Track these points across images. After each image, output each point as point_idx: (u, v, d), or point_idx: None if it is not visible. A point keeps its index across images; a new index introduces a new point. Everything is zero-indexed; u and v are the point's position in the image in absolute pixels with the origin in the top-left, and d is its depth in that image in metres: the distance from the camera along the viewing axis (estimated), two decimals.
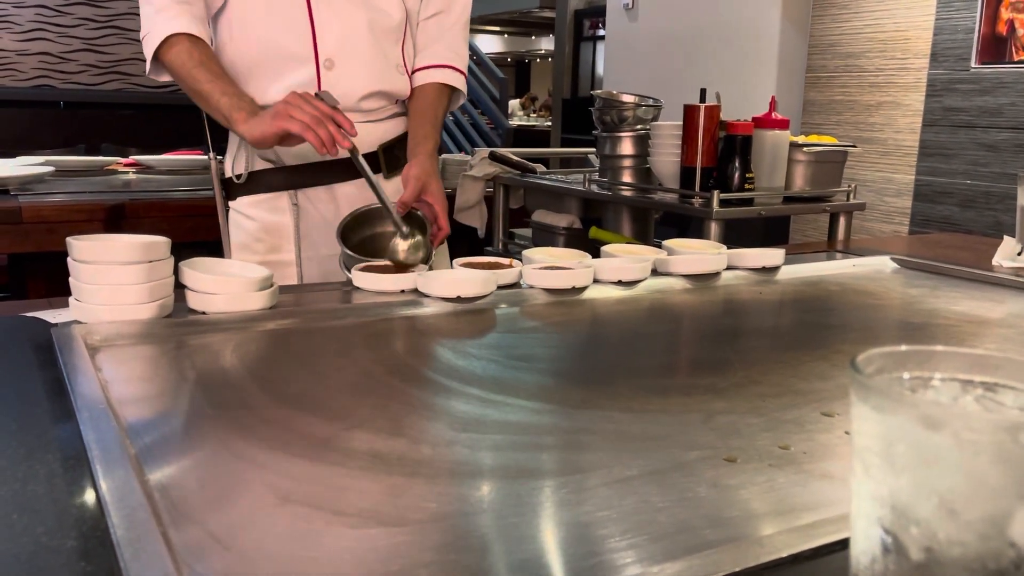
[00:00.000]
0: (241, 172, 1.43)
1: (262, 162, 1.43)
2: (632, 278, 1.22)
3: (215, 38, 1.41)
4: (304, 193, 1.44)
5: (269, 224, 1.44)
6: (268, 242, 1.45)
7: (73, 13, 4.68)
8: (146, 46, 1.34)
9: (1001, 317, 1.15)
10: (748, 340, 1.06)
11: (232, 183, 1.45)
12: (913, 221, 2.96)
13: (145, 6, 1.34)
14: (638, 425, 0.72)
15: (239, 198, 1.45)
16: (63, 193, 2.02)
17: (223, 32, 1.40)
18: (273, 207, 1.44)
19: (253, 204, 1.44)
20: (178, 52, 1.32)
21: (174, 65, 1.33)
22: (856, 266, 1.44)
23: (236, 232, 1.46)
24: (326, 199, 1.45)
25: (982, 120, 2.71)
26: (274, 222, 1.44)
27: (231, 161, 1.45)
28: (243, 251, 1.45)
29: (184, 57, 1.32)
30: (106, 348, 0.87)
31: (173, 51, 1.32)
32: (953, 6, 2.77)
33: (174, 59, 1.32)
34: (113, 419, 0.66)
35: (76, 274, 0.92)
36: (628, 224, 2.00)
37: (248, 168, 1.43)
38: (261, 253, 1.45)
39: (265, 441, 0.66)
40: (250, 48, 1.39)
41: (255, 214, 1.44)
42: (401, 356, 0.93)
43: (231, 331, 0.95)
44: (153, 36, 1.32)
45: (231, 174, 1.45)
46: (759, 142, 1.65)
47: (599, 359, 0.97)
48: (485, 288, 1.11)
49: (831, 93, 3.24)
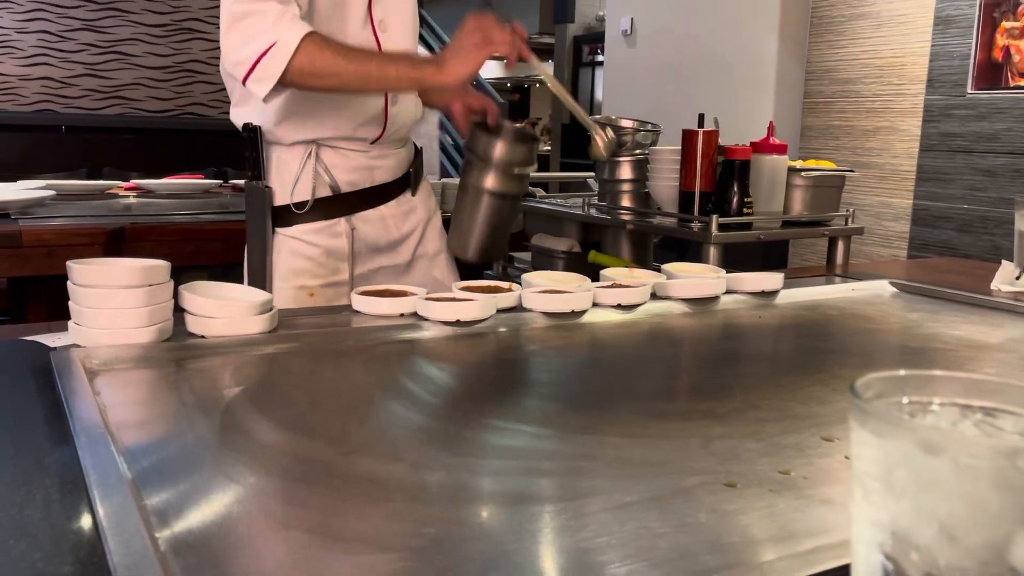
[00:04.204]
0: (307, 199, 1.44)
1: (322, 190, 1.46)
2: (631, 302, 1.23)
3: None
4: (358, 216, 1.49)
5: (329, 249, 1.47)
6: (328, 266, 1.48)
7: (76, 39, 4.73)
8: (271, 64, 1.28)
9: (1000, 342, 1.15)
10: (747, 364, 1.06)
11: (285, 211, 1.45)
12: (911, 246, 2.97)
13: (250, 26, 1.29)
14: (638, 450, 0.72)
15: (295, 226, 1.45)
16: (63, 217, 2.02)
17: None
18: (332, 232, 1.47)
19: (313, 231, 1.46)
20: (314, 52, 1.29)
21: (317, 66, 1.29)
22: (855, 290, 1.44)
23: (290, 259, 1.46)
24: (374, 219, 1.52)
25: (979, 145, 2.73)
26: (333, 246, 1.48)
27: (287, 190, 1.45)
28: (299, 276, 1.46)
29: (328, 53, 1.30)
30: (105, 372, 0.87)
31: (308, 55, 1.28)
32: (948, 33, 2.80)
33: (316, 60, 1.29)
34: (111, 443, 0.66)
35: (76, 298, 0.92)
36: (627, 248, 2.00)
37: (313, 196, 1.45)
38: (322, 276, 1.47)
39: (264, 466, 0.66)
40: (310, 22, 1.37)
41: (316, 240, 1.46)
42: (400, 380, 0.93)
43: (230, 355, 0.94)
44: (283, 47, 1.27)
45: (286, 202, 1.44)
46: (757, 167, 1.66)
47: (598, 383, 0.97)
48: (484, 312, 1.11)
49: (828, 118, 3.27)
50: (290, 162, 1.44)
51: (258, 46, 1.28)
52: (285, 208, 1.45)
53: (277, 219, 1.46)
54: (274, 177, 1.45)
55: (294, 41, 1.27)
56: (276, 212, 1.45)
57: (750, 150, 1.65)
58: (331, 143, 1.45)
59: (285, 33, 1.28)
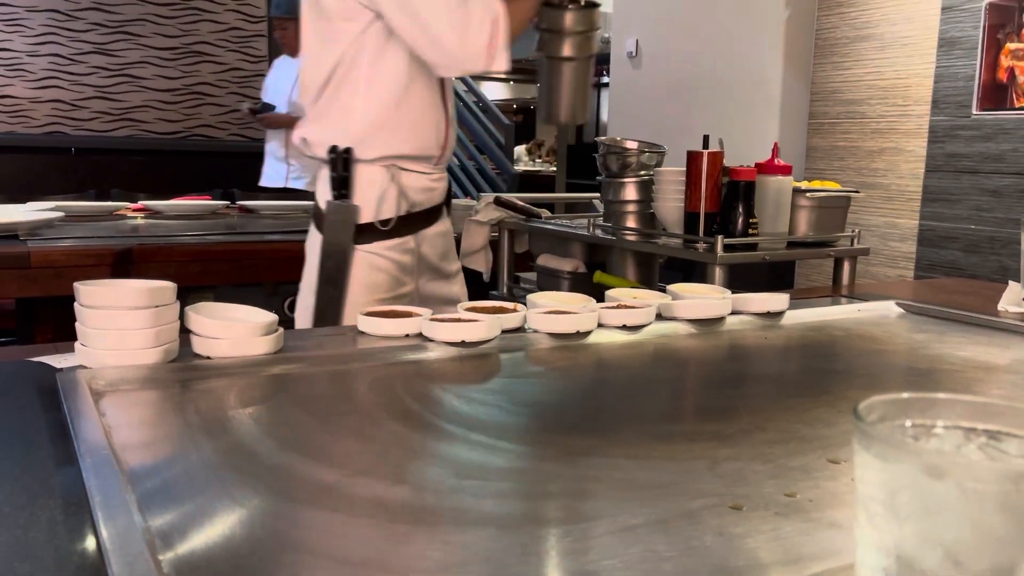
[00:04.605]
0: (391, 217, 1.58)
1: (400, 210, 1.59)
2: (636, 323, 1.22)
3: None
4: (420, 234, 1.64)
5: (400, 264, 1.61)
6: (399, 280, 1.61)
7: (86, 62, 4.78)
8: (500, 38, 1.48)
9: (1007, 363, 1.14)
10: (753, 386, 1.06)
11: (368, 228, 1.57)
12: (918, 266, 2.96)
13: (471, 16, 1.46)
14: (643, 472, 0.72)
15: (375, 242, 1.57)
16: (72, 238, 2.03)
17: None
18: (403, 249, 1.61)
19: (389, 247, 1.59)
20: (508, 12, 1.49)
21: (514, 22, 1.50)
22: (861, 311, 1.44)
23: (369, 273, 1.58)
24: (430, 237, 1.67)
25: (985, 166, 2.73)
26: (403, 262, 1.62)
27: (372, 208, 1.57)
28: (375, 290, 1.58)
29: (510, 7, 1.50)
30: (111, 393, 0.87)
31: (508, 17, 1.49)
32: (953, 54, 2.81)
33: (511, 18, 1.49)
34: (115, 465, 0.66)
35: (82, 319, 0.92)
36: (633, 268, 2.00)
37: (396, 214, 1.59)
38: (393, 290, 1.60)
39: (268, 488, 0.66)
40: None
41: (392, 255, 1.59)
42: (405, 401, 0.93)
43: (235, 376, 0.95)
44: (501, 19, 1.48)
45: (371, 219, 1.57)
46: (762, 188, 1.66)
47: (604, 404, 0.97)
48: (489, 333, 1.11)
49: (833, 139, 3.27)
50: (374, 182, 1.56)
51: (488, 26, 1.47)
52: (368, 225, 1.56)
53: (357, 236, 1.57)
54: (358, 196, 1.56)
55: (501, 9, 1.48)
56: (357, 229, 1.56)
57: (755, 171, 1.65)
58: (405, 164, 1.59)
59: (494, 8, 1.48)
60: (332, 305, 1.56)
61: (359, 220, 1.56)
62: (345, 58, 1.53)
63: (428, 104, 1.59)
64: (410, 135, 1.57)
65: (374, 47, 1.52)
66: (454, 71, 1.59)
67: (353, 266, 1.56)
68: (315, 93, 1.57)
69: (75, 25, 4.74)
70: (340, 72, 1.54)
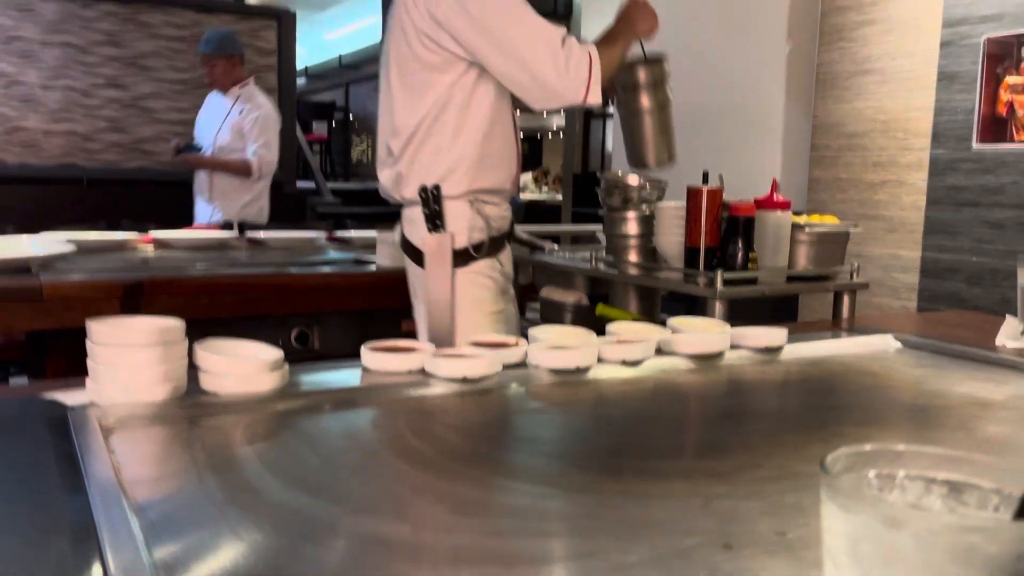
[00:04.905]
0: (483, 241, 1.78)
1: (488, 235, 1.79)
2: (636, 358, 1.24)
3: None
4: (502, 255, 1.85)
5: (496, 281, 1.81)
6: (497, 295, 1.81)
7: (100, 95, 4.86)
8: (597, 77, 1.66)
9: (1004, 399, 1.16)
10: (750, 422, 1.07)
11: (463, 253, 1.76)
12: (921, 297, 2.97)
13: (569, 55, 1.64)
14: (638, 510, 0.74)
15: (472, 264, 1.77)
16: (83, 271, 2.07)
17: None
18: (493, 268, 1.81)
19: (485, 267, 1.79)
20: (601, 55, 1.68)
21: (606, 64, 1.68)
22: (859, 345, 1.45)
23: (473, 290, 1.78)
24: (504, 259, 1.86)
25: (985, 199, 2.75)
26: (497, 279, 1.82)
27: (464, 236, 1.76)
28: (482, 304, 1.78)
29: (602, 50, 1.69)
30: (120, 429, 0.89)
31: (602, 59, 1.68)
32: (952, 88, 2.84)
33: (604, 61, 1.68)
34: (123, 500, 0.68)
35: (93, 356, 0.95)
36: (635, 301, 2.03)
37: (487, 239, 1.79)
38: (497, 304, 1.80)
39: (271, 524, 0.68)
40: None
41: (489, 273, 1.80)
42: (407, 438, 0.95)
43: (242, 412, 0.97)
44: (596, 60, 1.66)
45: (464, 245, 1.76)
46: (761, 223, 1.68)
47: (602, 441, 0.98)
48: (490, 369, 1.13)
49: (836, 171, 3.30)
50: (463, 215, 1.75)
51: (585, 66, 1.65)
52: (463, 251, 1.76)
53: (455, 261, 1.76)
54: (450, 227, 1.75)
55: (596, 53, 1.67)
56: (454, 255, 1.75)
57: (754, 207, 1.68)
58: (485, 197, 1.78)
59: (590, 50, 1.67)
60: (443, 326, 1.75)
61: (456, 247, 1.75)
62: (435, 106, 1.71)
63: (506, 144, 1.79)
64: (491, 172, 1.76)
65: (462, 96, 1.71)
66: (552, 104, 1.72)
67: (457, 288, 1.76)
68: (405, 138, 1.74)
69: (89, 59, 4.82)
70: (430, 119, 1.71)
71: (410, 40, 1.70)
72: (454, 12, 1.63)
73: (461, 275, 1.77)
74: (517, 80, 1.68)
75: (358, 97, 12.00)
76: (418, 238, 1.79)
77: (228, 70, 3.97)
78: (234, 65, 3.98)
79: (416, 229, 1.79)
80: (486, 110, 1.73)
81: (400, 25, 1.73)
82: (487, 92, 1.73)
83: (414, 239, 1.81)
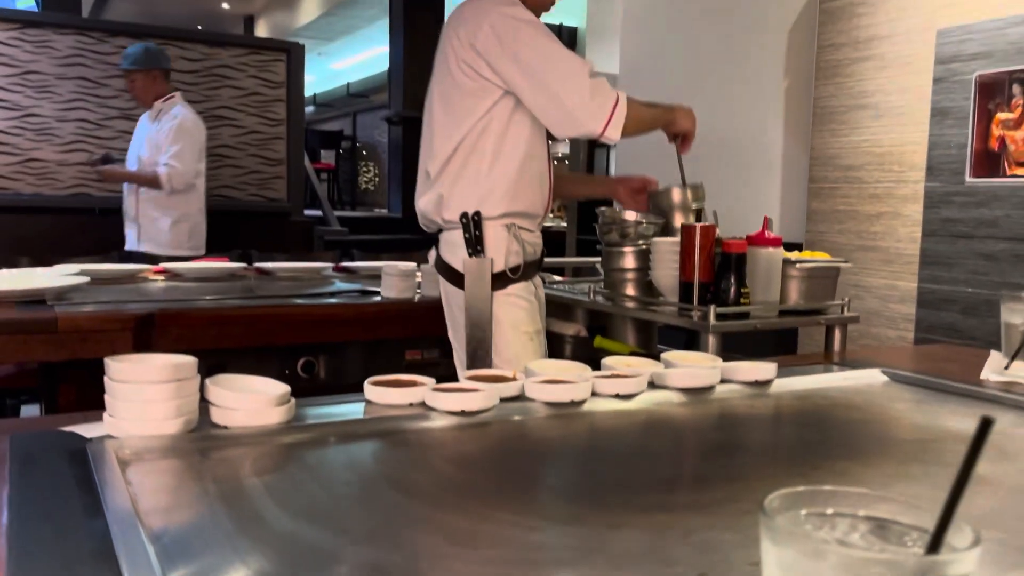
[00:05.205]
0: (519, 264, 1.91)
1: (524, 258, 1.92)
2: (629, 391, 1.29)
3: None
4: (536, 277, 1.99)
5: (531, 302, 1.94)
6: (534, 315, 1.94)
7: (112, 126, 4.97)
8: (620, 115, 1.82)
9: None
10: (735, 455, 1.12)
11: (501, 276, 1.89)
12: (918, 327, 3.01)
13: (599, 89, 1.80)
14: (621, 541, 0.78)
15: (509, 286, 1.89)
16: (96, 303, 2.13)
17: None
18: (529, 290, 1.94)
19: (521, 289, 1.91)
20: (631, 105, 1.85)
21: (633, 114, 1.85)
22: (847, 379, 1.50)
23: (512, 311, 1.90)
24: (537, 282, 2.01)
25: (980, 231, 2.80)
26: (533, 301, 1.95)
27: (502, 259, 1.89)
28: (521, 324, 1.90)
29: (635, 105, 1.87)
30: (136, 461, 0.94)
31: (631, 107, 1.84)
32: (946, 123, 2.90)
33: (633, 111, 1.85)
34: (140, 528, 0.73)
35: (111, 391, 1.00)
36: (632, 333, 2.08)
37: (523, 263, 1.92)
38: (533, 324, 1.92)
39: (277, 553, 0.73)
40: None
41: (525, 295, 1.92)
42: (406, 470, 1.00)
43: (250, 445, 1.02)
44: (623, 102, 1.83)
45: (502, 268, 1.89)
46: (753, 259, 1.74)
47: (591, 474, 1.03)
48: (488, 402, 1.18)
49: (833, 203, 3.36)
50: (501, 238, 1.88)
51: (610, 102, 1.81)
52: (501, 274, 1.88)
53: (494, 284, 1.87)
54: (489, 251, 1.87)
55: (624, 98, 1.83)
56: (493, 278, 1.87)
57: (746, 244, 1.73)
58: (520, 222, 1.91)
59: (619, 93, 1.83)
60: (482, 347, 1.84)
61: (494, 270, 1.86)
62: (474, 132, 1.82)
63: (541, 170, 1.92)
64: (526, 197, 1.89)
65: (500, 123, 1.83)
66: (572, 131, 1.85)
67: (496, 309, 1.87)
68: (443, 161, 1.86)
69: (102, 92, 4.94)
70: (468, 143, 1.83)
71: (452, 68, 1.84)
72: (492, 42, 1.78)
73: (499, 297, 1.87)
74: (543, 106, 1.80)
75: (365, 126, 12.15)
76: (458, 261, 1.90)
77: (148, 85, 3.91)
78: (154, 80, 3.91)
79: (455, 252, 1.90)
80: (522, 138, 1.86)
81: (445, 54, 1.87)
82: (523, 120, 1.85)
83: (453, 261, 1.91)
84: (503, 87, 1.82)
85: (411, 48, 9.09)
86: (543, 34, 1.81)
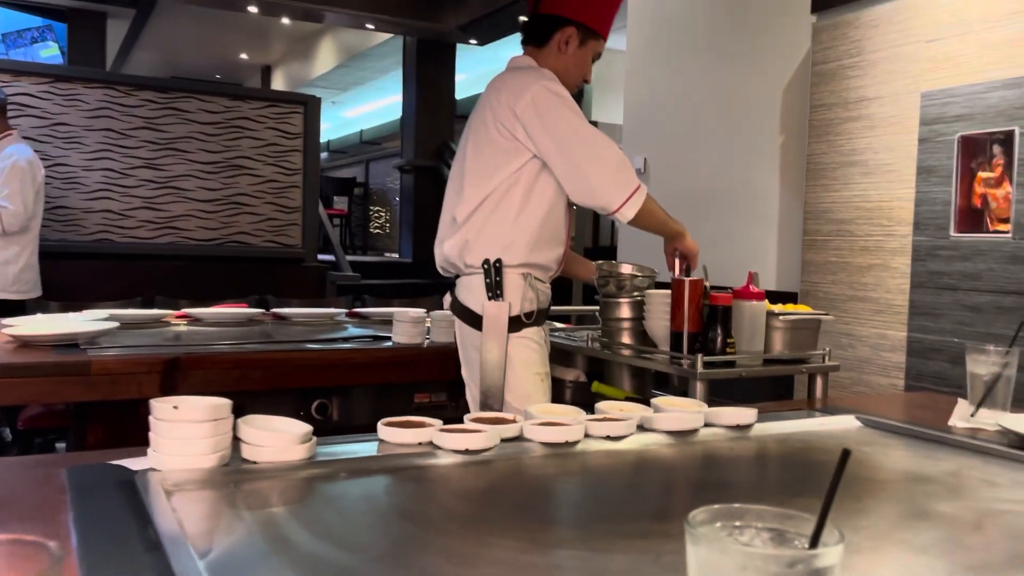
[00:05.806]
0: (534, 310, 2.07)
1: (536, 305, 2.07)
2: (619, 433, 1.41)
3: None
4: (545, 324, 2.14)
5: (542, 346, 2.08)
6: (544, 359, 2.09)
7: (136, 175, 5.18)
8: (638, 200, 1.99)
9: (934, 474, 1.31)
10: (711, 492, 1.24)
11: (516, 320, 2.03)
12: (908, 375, 3.12)
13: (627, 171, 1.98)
14: (600, 562, 0.90)
15: (524, 330, 2.04)
16: (125, 347, 2.27)
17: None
18: (540, 335, 2.09)
19: (534, 333, 2.06)
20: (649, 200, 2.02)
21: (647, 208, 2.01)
22: (823, 424, 1.62)
23: (526, 352, 2.04)
24: (546, 328, 2.15)
25: (964, 284, 2.93)
26: (543, 344, 2.09)
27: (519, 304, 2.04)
28: (533, 365, 2.05)
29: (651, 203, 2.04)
30: (178, 492, 1.07)
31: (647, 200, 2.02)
32: (931, 181, 3.05)
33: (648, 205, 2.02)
34: (190, 548, 0.86)
35: (156, 429, 1.13)
36: (628, 379, 2.20)
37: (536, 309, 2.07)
38: (544, 366, 2.08)
39: (305, 570, 0.85)
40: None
41: (537, 339, 2.07)
42: (415, 501, 1.12)
43: (277, 478, 1.15)
44: (643, 190, 2.00)
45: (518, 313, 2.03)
46: (738, 312, 1.87)
47: (580, 506, 1.15)
48: (490, 442, 1.31)
49: (826, 255, 3.49)
50: (518, 286, 2.03)
51: (632, 185, 1.98)
52: (516, 318, 2.03)
53: (510, 327, 2.01)
54: (507, 296, 2.02)
55: (645, 189, 2.00)
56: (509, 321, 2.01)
57: (731, 297, 1.87)
58: (535, 272, 2.06)
59: (641, 182, 2.01)
60: (496, 385, 1.98)
61: (511, 315, 2.01)
62: (503, 186, 1.99)
63: (558, 229, 2.09)
64: (544, 251, 2.06)
65: (527, 181, 2.00)
66: (590, 200, 1.99)
67: (511, 350, 2.01)
68: (471, 209, 2.02)
69: (127, 142, 5.15)
70: (496, 196, 1.99)
71: (489, 125, 2.01)
72: (531, 112, 1.95)
73: (513, 339, 2.02)
74: (567, 174, 1.97)
75: (377, 173, 12.42)
76: (476, 303, 2.04)
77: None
78: None
79: (474, 295, 2.04)
80: (546, 197, 2.02)
81: (484, 113, 2.04)
82: (548, 182, 2.01)
83: (472, 304, 2.06)
84: (533, 151, 1.98)
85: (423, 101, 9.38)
86: (577, 114, 1.99)
